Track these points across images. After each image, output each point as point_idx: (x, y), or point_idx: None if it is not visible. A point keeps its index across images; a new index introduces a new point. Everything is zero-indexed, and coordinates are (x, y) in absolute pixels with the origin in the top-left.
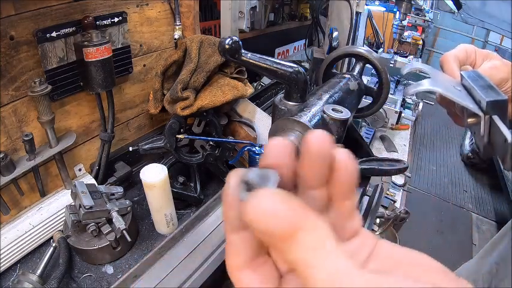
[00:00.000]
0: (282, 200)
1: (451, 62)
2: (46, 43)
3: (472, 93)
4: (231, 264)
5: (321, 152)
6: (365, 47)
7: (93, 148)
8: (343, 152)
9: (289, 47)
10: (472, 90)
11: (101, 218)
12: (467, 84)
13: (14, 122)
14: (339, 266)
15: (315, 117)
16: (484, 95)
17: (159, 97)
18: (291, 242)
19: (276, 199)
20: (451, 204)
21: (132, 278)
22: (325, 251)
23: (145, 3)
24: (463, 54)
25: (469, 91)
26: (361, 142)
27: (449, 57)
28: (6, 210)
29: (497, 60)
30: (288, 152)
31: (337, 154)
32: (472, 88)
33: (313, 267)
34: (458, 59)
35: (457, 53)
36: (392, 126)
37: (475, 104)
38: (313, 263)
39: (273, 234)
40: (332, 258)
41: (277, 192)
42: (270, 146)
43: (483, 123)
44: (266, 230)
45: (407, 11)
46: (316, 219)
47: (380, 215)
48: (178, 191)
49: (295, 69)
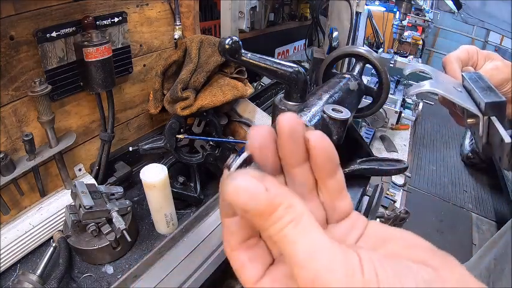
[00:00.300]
0: (257, 180)
1: (453, 63)
2: (46, 43)
3: (472, 94)
4: (226, 245)
5: (292, 129)
6: (365, 47)
7: (93, 148)
8: (316, 132)
9: (289, 47)
10: (472, 91)
11: (101, 218)
12: (467, 85)
13: (14, 122)
14: (316, 240)
15: (315, 117)
16: (483, 97)
17: (159, 97)
18: (269, 218)
19: (251, 179)
20: (451, 204)
21: (132, 278)
22: (302, 226)
23: (145, 3)
24: (465, 55)
25: (469, 92)
26: (361, 142)
27: (452, 58)
28: (6, 210)
29: (498, 61)
30: (270, 137)
31: (310, 135)
32: (472, 89)
33: (292, 242)
34: (460, 60)
35: (459, 54)
36: (392, 126)
37: (474, 105)
38: (291, 238)
39: (251, 212)
40: (309, 233)
41: (252, 173)
42: (254, 132)
43: (482, 123)
44: (245, 209)
45: (407, 11)
46: (292, 196)
47: (380, 215)
48: (178, 191)
49: (295, 69)
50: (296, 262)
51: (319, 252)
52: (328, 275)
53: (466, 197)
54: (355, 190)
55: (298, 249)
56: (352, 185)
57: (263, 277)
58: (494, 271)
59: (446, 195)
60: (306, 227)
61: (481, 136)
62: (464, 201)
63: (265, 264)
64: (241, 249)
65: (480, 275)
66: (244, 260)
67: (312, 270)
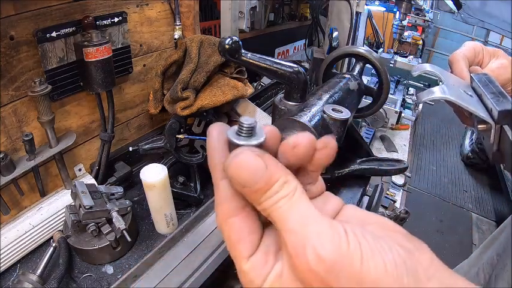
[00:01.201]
0: (259, 157)
1: (460, 62)
2: (46, 43)
3: (483, 99)
4: (222, 211)
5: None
6: (365, 47)
7: (93, 148)
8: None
9: (289, 47)
10: (483, 96)
11: (101, 218)
12: (477, 88)
13: (14, 122)
14: (306, 211)
15: (315, 117)
16: (496, 104)
17: (159, 97)
18: (265, 192)
19: (255, 158)
20: (451, 204)
21: (132, 278)
22: (295, 199)
23: (145, 3)
24: (471, 53)
25: (479, 96)
26: (361, 142)
27: (458, 57)
28: (6, 210)
29: (504, 59)
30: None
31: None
32: (483, 94)
33: (285, 211)
34: (466, 58)
35: (466, 52)
36: (392, 126)
37: (486, 111)
38: (285, 208)
39: (251, 186)
40: (300, 205)
41: (257, 152)
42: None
43: (493, 131)
44: (245, 183)
45: (407, 11)
46: (287, 173)
47: (380, 215)
48: (178, 191)
49: (295, 69)
50: (288, 229)
51: (310, 220)
52: (317, 241)
53: (466, 197)
54: (355, 190)
55: (291, 218)
56: (352, 185)
57: (256, 252)
58: (496, 266)
59: (446, 195)
60: (298, 200)
61: (492, 143)
62: (464, 201)
63: (259, 233)
64: (240, 217)
65: (483, 270)
66: (244, 232)
67: (302, 236)
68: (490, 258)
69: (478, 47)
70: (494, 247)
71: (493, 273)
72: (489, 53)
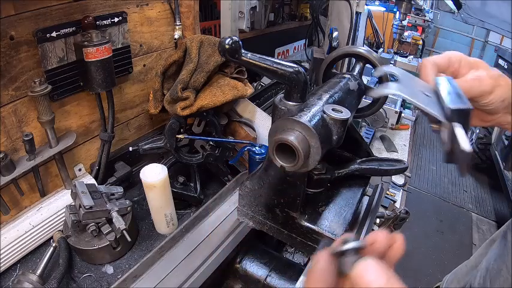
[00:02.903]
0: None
1: (427, 67)
2: (46, 43)
3: (440, 99)
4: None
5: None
6: (365, 47)
7: (93, 148)
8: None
9: (289, 47)
10: (440, 96)
11: (101, 218)
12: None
13: (14, 122)
14: None
15: (315, 117)
16: (449, 103)
17: (159, 97)
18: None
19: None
20: (451, 204)
21: (132, 278)
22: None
23: (145, 3)
24: (444, 61)
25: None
26: (361, 142)
27: (427, 63)
28: (6, 210)
29: (483, 71)
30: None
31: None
32: (440, 94)
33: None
34: (436, 66)
35: (437, 60)
36: (392, 126)
37: (440, 110)
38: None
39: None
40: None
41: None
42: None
43: (445, 130)
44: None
45: (407, 11)
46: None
47: (380, 215)
48: (178, 191)
49: (295, 69)
50: None
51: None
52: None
53: (466, 197)
54: (355, 190)
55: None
56: (352, 185)
57: None
58: (491, 271)
59: (446, 195)
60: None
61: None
62: (464, 201)
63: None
64: None
65: (480, 274)
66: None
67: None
68: (487, 262)
69: (456, 57)
70: (492, 250)
71: (488, 278)
72: (469, 64)
